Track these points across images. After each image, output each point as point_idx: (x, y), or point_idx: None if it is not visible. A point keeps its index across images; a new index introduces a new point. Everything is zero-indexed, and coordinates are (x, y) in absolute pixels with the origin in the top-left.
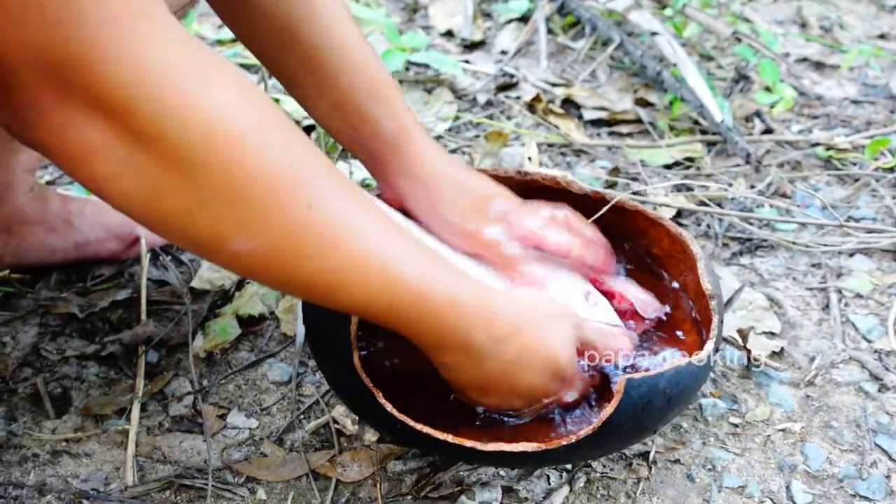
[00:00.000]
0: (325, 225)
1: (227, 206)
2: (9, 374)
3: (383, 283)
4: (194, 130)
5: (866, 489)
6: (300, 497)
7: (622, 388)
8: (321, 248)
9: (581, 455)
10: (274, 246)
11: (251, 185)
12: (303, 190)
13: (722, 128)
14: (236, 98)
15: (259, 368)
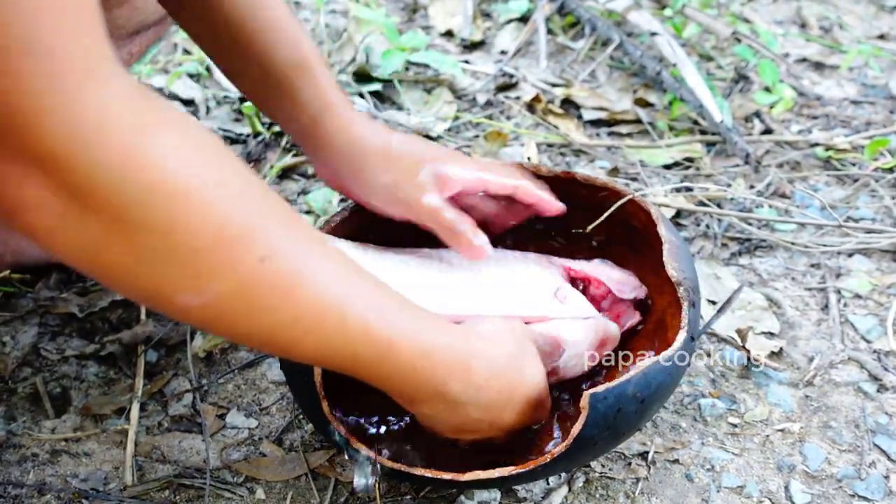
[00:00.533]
0: (280, 277)
1: (169, 264)
2: (8, 373)
3: (345, 336)
4: (132, 188)
5: (865, 489)
6: (299, 497)
7: (587, 404)
8: (276, 302)
9: (560, 469)
10: (224, 301)
11: (195, 240)
12: (255, 242)
13: (721, 128)
14: (182, 151)
15: (258, 368)
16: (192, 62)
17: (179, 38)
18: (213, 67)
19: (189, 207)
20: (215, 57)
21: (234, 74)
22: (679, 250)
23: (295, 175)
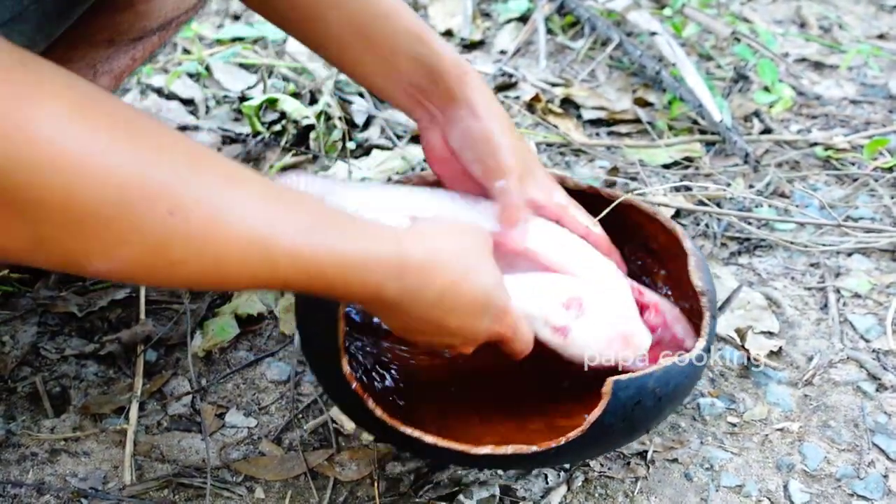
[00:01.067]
0: (192, 226)
1: (74, 238)
2: (8, 373)
3: (273, 267)
4: (21, 168)
5: (864, 488)
6: (298, 496)
7: (609, 390)
8: (193, 252)
9: (573, 456)
10: (138, 262)
11: (97, 209)
12: (159, 197)
13: (721, 127)
14: (70, 119)
15: (257, 368)
16: (191, 62)
17: (179, 38)
18: (212, 67)
19: (83, 178)
20: (330, 48)
21: (348, 58)
22: (702, 263)
23: None
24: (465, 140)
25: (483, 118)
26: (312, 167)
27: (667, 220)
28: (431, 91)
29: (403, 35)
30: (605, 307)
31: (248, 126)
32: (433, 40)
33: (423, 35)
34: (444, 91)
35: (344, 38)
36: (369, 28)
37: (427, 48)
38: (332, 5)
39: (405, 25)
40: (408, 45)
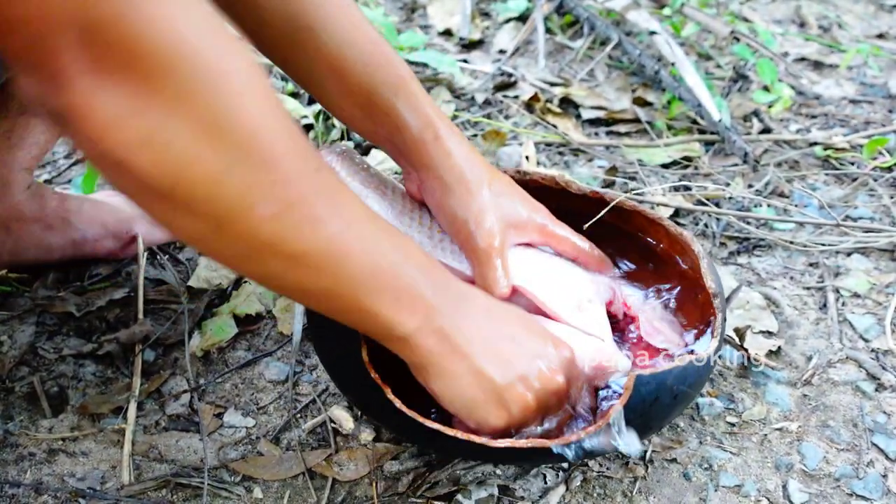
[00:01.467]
0: (330, 188)
1: (256, 167)
2: (5, 372)
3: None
4: (229, 92)
5: (863, 488)
6: (296, 496)
7: (631, 385)
8: (329, 211)
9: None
10: (294, 207)
11: (275, 145)
12: (309, 152)
13: (720, 127)
14: (252, 65)
15: (256, 367)
16: None
17: None
18: None
19: (267, 117)
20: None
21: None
22: (712, 265)
23: None
24: (440, 210)
25: (453, 192)
26: None
27: (672, 226)
28: (404, 152)
29: (381, 86)
30: (580, 344)
31: None
32: (411, 95)
33: (401, 88)
34: (416, 157)
35: (324, 81)
36: (347, 74)
37: (402, 103)
38: (312, 48)
39: (383, 76)
40: (384, 97)
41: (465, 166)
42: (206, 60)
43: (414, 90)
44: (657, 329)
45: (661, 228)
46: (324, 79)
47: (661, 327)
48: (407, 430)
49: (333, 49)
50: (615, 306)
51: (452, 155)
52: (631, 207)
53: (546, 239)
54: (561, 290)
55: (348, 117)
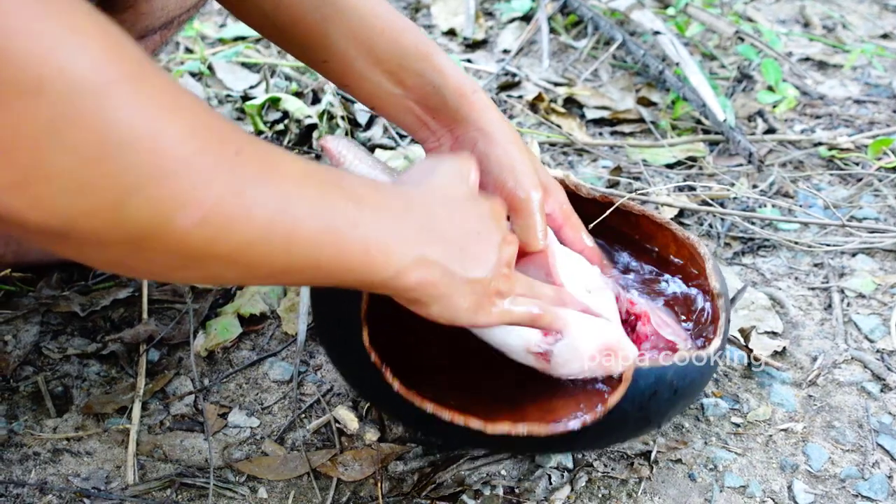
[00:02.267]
0: (257, 164)
1: (164, 179)
2: (10, 372)
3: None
4: (110, 107)
5: (868, 489)
6: (301, 496)
7: (630, 376)
8: (262, 193)
9: (586, 443)
10: (221, 206)
11: (181, 147)
12: (225, 139)
13: (724, 127)
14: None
15: (260, 367)
16: (193, 61)
17: (181, 37)
18: (215, 66)
19: (167, 116)
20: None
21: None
22: (717, 268)
23: None
24: (481, 163)
25: (496, 141)
26: None
27: (679, 230)
28: (438, 110)
29: (410, 51)
30: (585, 327)
31: (250, 125)
32: (440, 59)
33: (430, 53)
34: (452, 111)
35: (349, 54)
36: (374, 44)
37: (433, 66)
38: (337, 20)
39: (412, 42)
40: (414, 62)
41: (505, 121)
42: (77, 74)
43: (441, 52)
44: (665, 322)
45: (667, 232)
46: (349, 52)
47: (669, 321)
48: (406, 414)
49: (357, 20)
50: (620, 303)
51: (492, 108)
52: (639, 212)
53: (563, 216)
54: (574, 271)
55: (374, 89)
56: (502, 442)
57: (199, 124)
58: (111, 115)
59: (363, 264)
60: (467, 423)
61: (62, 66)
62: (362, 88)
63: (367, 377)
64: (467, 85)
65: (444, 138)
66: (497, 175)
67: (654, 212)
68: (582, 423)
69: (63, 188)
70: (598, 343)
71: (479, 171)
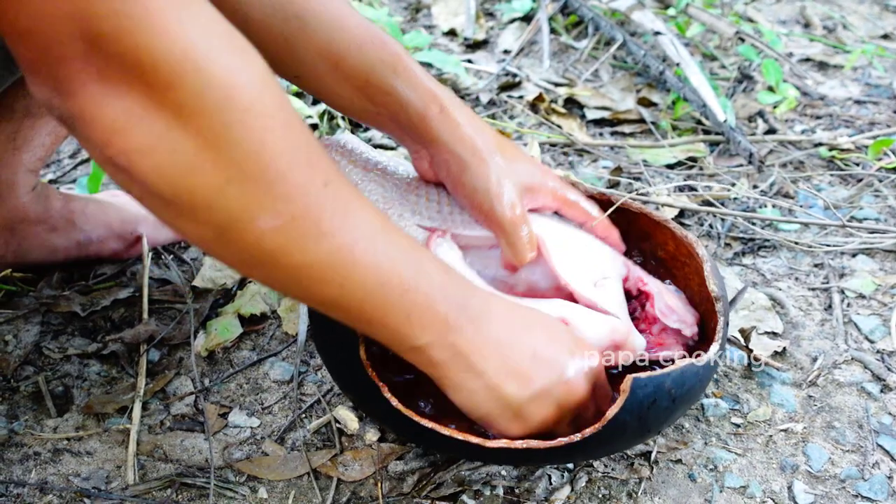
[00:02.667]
0: (340, 201)
1: (257, 182)
2: (10, 372)
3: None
4: (234, 107)
5: (868, 490)
6: (301, 496)
7: (628, 387)
8: (337, 224)
9: (585, 454)
10: (296, 223)
11: (279, 160)
12: (318, 167)
13: (725, 128)
14: (263, 77)
15: (261, 367)
16: None
17: None
18: None
19: (274, 132)
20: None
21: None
22: (716, 269)
23: None
24: (456, 186)
25: (466, 165)
26: None
27: (678, 228)
28: (409, 128)
29: (377, 66)
30: (593, 322)
31: None
32: (408, 71)
33: (398, 65)
34: (422, 132)
35: (318, 69)
36: (341, 58)
37: (401, 81)
38: (303, 36)
39: (378, 56)
40: (381, 78)
41: (475, 135)
42: (212, 74)
43: (411, 66)
44: (671, 308)
45: (667, 231)
46: (318, 68)
47: (675, 306)
48: (404, 429)
49: (324, 35)
50: (630, 282)
51: (461, 126)
52: (637, 210)
53: (558, 203)
54: (579, 264)
55: (347, 104)
56: (502, 455)
57: (304, 145)
58: (230, 116)
59: (402, 325)
60: (466, 439)
61: (198, 65)
62: (337, 104)
63: (365, 392)
64: (432, 106)
65: (423, 153)
66: (472, 198)
67: (652, 210)
68: (581, 436)
69: (179, 163)
70: (606, 338)
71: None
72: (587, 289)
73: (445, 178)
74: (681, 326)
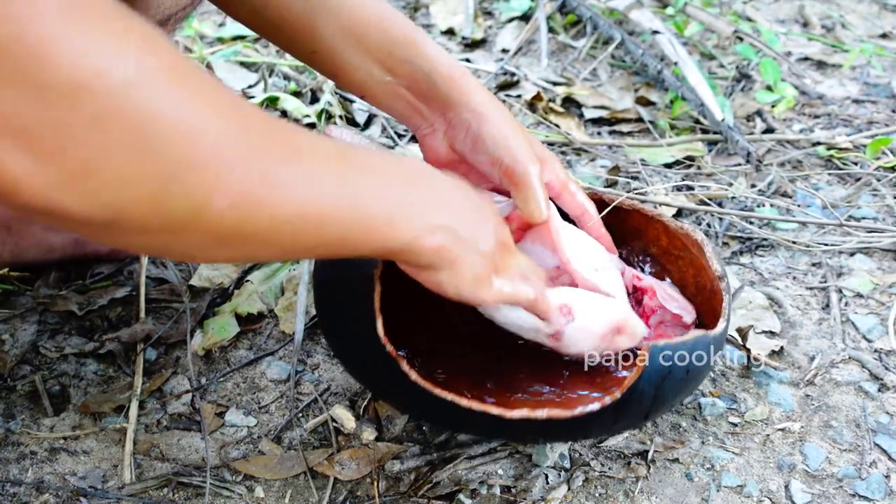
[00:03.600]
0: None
1: (196, 167)
2: (7, 371)
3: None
4: (145, 98)
5: (865, 489)
6: (298, 495)
7: (647, 356)
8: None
9: (602, 427)
10: (249, 188)
11: (205, 136)
12: (251, 117)
13: (723, 127)
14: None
15: (257, 366)
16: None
17: (180, 37)
18: (214, 65)
19: (196, 98)
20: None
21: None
22: (716, 251)
23: None
24: (476, 143)
25: (490, 120)
26: None
27: (670, 221)
28: (429, 96)
29: (399, 40)
30: (595, 306)
31: None
32: (428, 46)
33: (418, 41)
34: (443, 95)
35: (338, 45)
36: (362, 34)
37: (422, 53)
38: (324, 13)
39: (399, 30)
40: (403, 50)
41: (496, 100)
42: (114, 72)
43: (428, 40)
44: (671, 296)
45: (659, 225)
46: (337, 43)
47: (675, 295)
48: (421, 405)
49: (345, 10)
50: (626, 278)
51: (481, 90)
52: (629, 207)
53: (560, 188)
54: (580, 249)
55: (365, 78)
56: (521, 427)
57: (225, 110)
58: (148, 108)
59: (386, 231)
60: (486, 410)
61: (100, 66)
62: (353, 78)
63: (379, 369)
64: (456, 69)
65: (437, 123)
66: (493, 153)
67: (644, 206)
68: (601, 405)
69: (108, 181)
70: (609, 322)
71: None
72: (589, 272)
73: (464, 140)
74: (682, 312)
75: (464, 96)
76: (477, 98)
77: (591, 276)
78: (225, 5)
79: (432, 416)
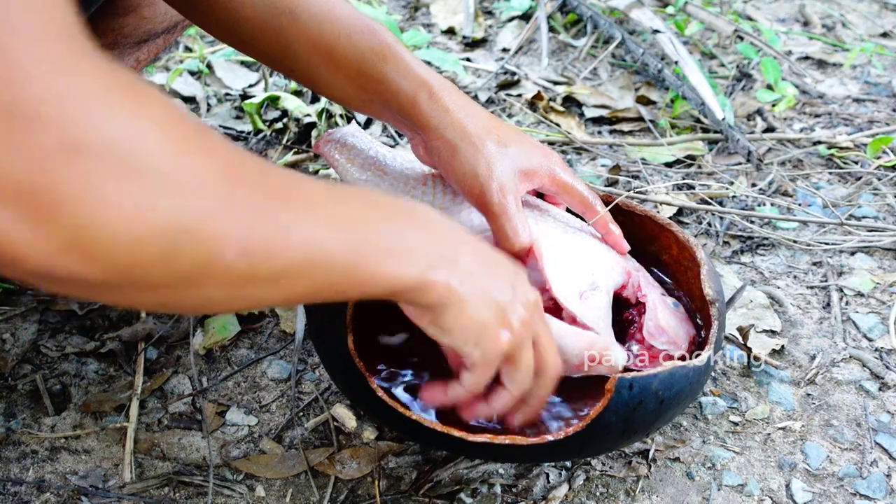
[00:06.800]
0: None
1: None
2: (8, 370)
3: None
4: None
5: (866, 488)
6: (299, 494)
7: (612, 387)
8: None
9: (569, 453)
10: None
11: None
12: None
13: (723, 126)
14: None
15: (258, 366)
16: (193, 59)
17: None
18: (214, 64)
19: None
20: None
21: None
22: (713, 273)
23: None
24: (448, 171)
25: (456, 150)
26: (314, 165)
27: (680, 232)
28: (401, 115)
29: (367, 55)
30: (569, 336)
31: (249, 124)
32: (398, 58)
33: (388, 53)
34: (413, 117)
35: (311, 61)
36: (332, 49)
37: (391, 69)
38: (294, 29)
39: (368, 45)
40: (371, 66)
41: (466, 120)
42: (109, 129)
43: (401, 53)
44: (661, 329)
45: (670, 235)
46: (310, 59)
47: (668, 325)
48: (390, 420)
49: (315, 27)
50: (628, 290)
51: (451, 110)
52: (642, 213)
53: (556, 187)
54: (571, 270)
55: (342, 94)
56: (485, 450)
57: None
58: (149, 165)
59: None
60: (448, 433)
61: (95, 124)
62: (332, 94)
63: (354, 383)
64: (423, 88)
65: (417, 139)
66: (463, 183)
67: (654, 212)
68: (564, 434)
69: (113, 242)
70: (582, 354)
71: None
72: (572, 300)
73: (438, 164)
74: (669, 348)
75: (431, 121)
76: (445, 122)
77: (573, 306)
78: (202, 25)
79: (402, 431)
